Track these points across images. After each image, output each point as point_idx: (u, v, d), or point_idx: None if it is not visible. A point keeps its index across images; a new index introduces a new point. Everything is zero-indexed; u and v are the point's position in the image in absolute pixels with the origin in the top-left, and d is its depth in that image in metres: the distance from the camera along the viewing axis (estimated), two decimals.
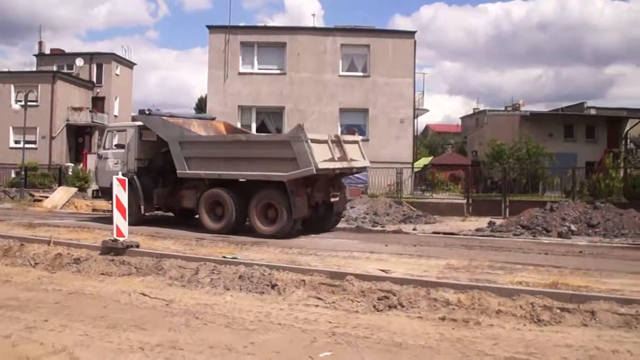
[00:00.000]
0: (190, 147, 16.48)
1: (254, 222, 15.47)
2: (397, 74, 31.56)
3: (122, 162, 17.65)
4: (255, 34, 32.98)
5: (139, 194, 16.89)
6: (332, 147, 15.28)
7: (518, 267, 10.31)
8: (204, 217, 16.15)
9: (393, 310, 7.71)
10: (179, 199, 17.31)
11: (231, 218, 15.63)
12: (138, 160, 17.61)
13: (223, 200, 15.79)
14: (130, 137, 17.74)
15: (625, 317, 7.16)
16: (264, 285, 8.92)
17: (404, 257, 11.61)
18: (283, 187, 14.83)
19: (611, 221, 16.88)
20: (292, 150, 14.49)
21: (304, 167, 14.36)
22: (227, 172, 15.80)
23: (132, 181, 16.64)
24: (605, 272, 9.96)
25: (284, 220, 14.92)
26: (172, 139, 16.57)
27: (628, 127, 48.19)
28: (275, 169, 14.88)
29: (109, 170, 17.59)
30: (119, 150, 17.93)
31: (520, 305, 7.61)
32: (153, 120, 17.38)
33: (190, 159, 16.30)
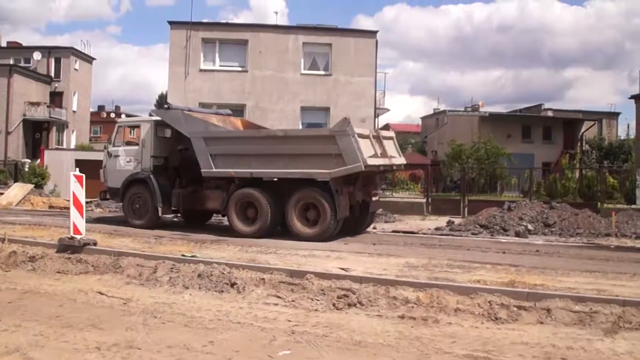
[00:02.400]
0: (217, 143, 15.32)
1: (292, 225, 14.41)
2: (359, 73, 31.60)
3: (135, 160, 16.54)
4: (217, 31, 32.67)
5: (156, 194, 15.91)
6: (373, 143, 14.50)
7: (476, 266, 10.46)
8: (234, 219, 14.98)
9: (352, 308, 7.70)
10: (202, 200, 16.13)
11: (266, 220, 14.53)
12: (154, 158, 16.43)
13: (257, 201, 14.65)
14: (145, 133, 16.56)
15: (579, 314, 7.30)
16: (224, 283, 8.82)
17: (363, 255, 11.67)
18: (325, 185, 13.97)
19: (567, 221, 17.22)
20: (338, 145, 13.65)
21: (351, 163, 13.55)
22: (262, 170, 14.75)
23: (149, 181, 16.06)
24: (560, 270, 10.17)
25: (328, 221, 13.98)
26: (195, 135, 15.43)
27: (584, 128, 49.28)
28: (317, 166, 13.95)
29: (120, 169, 16.75)
30: (132, 147, 16.97)
31: (478, 303, 7.70)
32: (173, 115, 16.23)
33: (217, 156, 15.17)
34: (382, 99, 36.65)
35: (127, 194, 16.55)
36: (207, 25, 33.41)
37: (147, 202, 16.13)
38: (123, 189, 16.55)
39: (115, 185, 16.70)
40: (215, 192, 15.77)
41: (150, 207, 16.04)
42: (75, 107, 52.03)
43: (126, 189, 16.54)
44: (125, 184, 16.49)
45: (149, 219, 16.11)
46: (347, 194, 14.28)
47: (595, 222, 17.23)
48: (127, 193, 16.54)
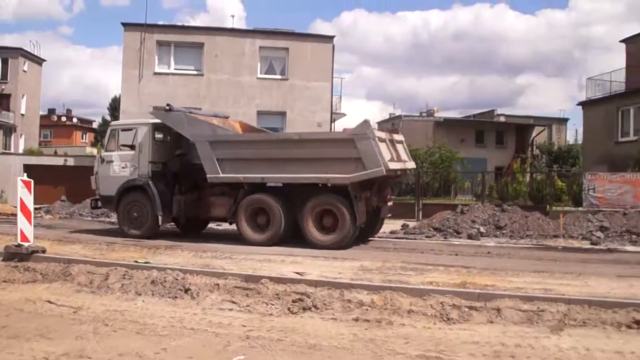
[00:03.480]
0: (224, 147, 14.64)
1: (307, 232, 13.89)
2: (316, 78, 31.69)
3: (132, 165, 15.67)
4: (172, 33, 32.39)
5: (156, 202, 15.11)
6: (389, 146, 14.06)
7: (429, 268, 10.63)
8: (244, 227, 14.43)
9: (307, 312, 7.73)
10: (206, 207, 15.48)
11: (279, 227, 14.05)
12: (152, 163, 15.61)
13: (269, 208, 14.14)
14: (143, 137, 15.69)
15: (527, 313, 7.48)
16: (177, 289, 8.74)
17: (318, 259, 11.72)
18: (343, 191, 13.49)
19: (517, 223, 17.60)
20: (357, 149, 13.15)
21: (372, 167, 13.06)
22: (274, 175, 14.16)
23: (147, 187, 15.29)
24: (511, 271, 10.42)
25: (347, 228, 13.53)
26: (200, 139, 14.76)
27: (534, 133, 50.29)
28: (335, 170, 13.43)
29: (114, 175, 15.84)
30: (128, 152, 15.89)
31: (431, 304, 7.81)
32: (175, 117, 15.45)
33: (225, 160, 14.50)
34: (338, 103, 36.84)
35: (122, 202, 15.67)
36: (162, 28, 33.07)
37: (146, 210, 15.33)
38: (118, 197, 15.63)
39: (109, 193, 15.79)
40: (220, 199, 15.18)
41: (150, 216, 15.26)
42: (24, 110, 50.93)
43: (121, 197, 15.64)
44: (121, 191, 15.60)
45: (148, 228, 15.32)
46: (364, 200, 13.82)
47: (544, 224, 17.63)
48: (122, 201, 15.66)
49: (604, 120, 31.92)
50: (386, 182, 14.91)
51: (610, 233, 17.00)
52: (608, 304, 7.76)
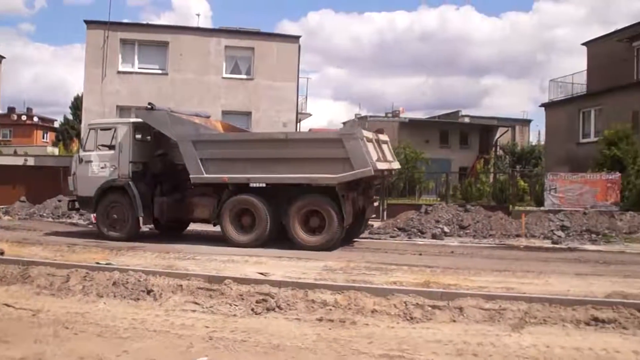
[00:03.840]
0: (208, 147, 14.45)
1: (294, 233, 13.76)
2: (281, 78, 31.59)
3: (111, 165, 15.30)
4: (136, 32, 31.96)
5: (137, 203, 14.81)
6: (376, 146, 13.94)
7: (393, 268, 10.71)
8: (228, 228, 14.24)
9: (271, 312, 7.71)
10: (189, 208, 15.18)
11: (265, 228, 13.91)
12: (133, 163, 15.27)
13: (254, 208, 13.98)
14: (123, 136, 15.34)
15: (489, 311, 7.57)
16: (140, 291, 8.65)
17: (283, 259, 11.74)
18: (330, 191, 13.37)
19: (480, 223, 17.81)
20: (345, 149, 13.06)
21: (360, 167, 13.00)
22: (260, 175, 13.97)
23: (128, 188, 14.95)
24: (473, 270, 10.57)
25: (335, 229, 13.42)
26: (184, 138, 14.51)
27: (498, 135, 50.91)
28: (322, 170, 13.33)
29: (93, 175, 15.43)
30: (107, 151, 15.56)
31: (394, 304, 7.84)
32: (157, 116, 15.13)
33: (209, 160, 14.31)
34: (304, 103, 36.81)
35: (101, 204, 15.31)
36: (126, 26, 32.66)
37: (126, 211, 15.02)
38: (97, 198, 15.27)
39: (87, 194, 15.39)
40: (204, 200, 14.96)
41: (130, 217, 14.97)
42: None
43: (101, 198, 15.27)
44: (100, 192, 15.23)
45: (128, 230, 15.03)
46: (351, 200, 13.78)
47: (506, 224, 17.88)
48: (101, 202, 15.30)
49: (566, 122, 32.44)
50: (372, 182, 14.90)
51: (571, 232, 17.30)
52: (568, 301, 7.89)
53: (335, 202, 13.38)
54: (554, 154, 33.40)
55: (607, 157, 22.65)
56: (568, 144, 31.65)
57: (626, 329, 6.98)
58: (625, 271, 11.23)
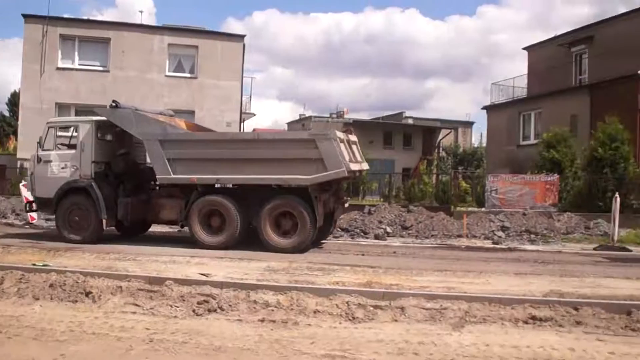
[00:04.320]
0: (176, 147, 14.02)
1: (265, 235, 13.48)
2: (225, 77, 31.44)
3: (72, 166, 14.65)
4: (76, 27, 31.30)
5: (100, 205, 14.22)
6: (347, 147, 13.74)
7: (336, 268, 10.78)
8: (197, 230, 13.88)
9: (213, 314, 7.64)
10: (155, 209, 14.69)
11: (235, 230, 13.61)
12: (95, 163, 14.68)
13: (224, 210, 13.67)
14: (85, 135, 14.72)
15: (431, 311, 7.67)
16: (78, 293, 8.43)
17: (225, 260, 11.67)
18: (303, 192, 13.19)
19: (423, 223, 18.04)
20: (318, 150, 12.87)
21: (334, 168, 12.82)
22: (230, 176, 13.74)
23: (91, 189, 14.33)
24: (415, 270, 10.71)
25: (308, 230, 13.21)
26: (150, 138, 14.06)
27: (441, 136, 51.65)
28: (294, 171, 13.13)
29: (52, 176, 14.78)
30: (68, 151, 14.93)
31: (337, 304, 7.87)
32: (122, 114, 14.57)
33: (177, 161, 13.88)
34: (248, 103, 36.71)
35: (62, 205, 14.66)
36: (66, 21, 31.97)
37: (89, 213, 14.42)
38: (57, 199, 14.62)
39: (46, 195, 14.76)
40: (170, 201, 14.52)
41: (93, 220, 14.35)
42: None
43: (61, 200, 14.63)
44: (60, 193, 14.59)
45: (91, 232, 14.41)
46: (323, 201, 13.60)
47: (448, 224, 18.16)
48: (62, 204, 14.65)
49: (507, 124, 33.17)
50: (342, 183, 14.89)
51: (511, 232, 17.68)
52: (507, 300, 8.09)
53: (308, 203, 13.25)
54: (495, 156, 34.11)
55: (546, 159, 23.17)
56: (509, 146, 32.38)
57: (562, 326, 7.18)
58: (562, 270, 11.58)
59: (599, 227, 18.38)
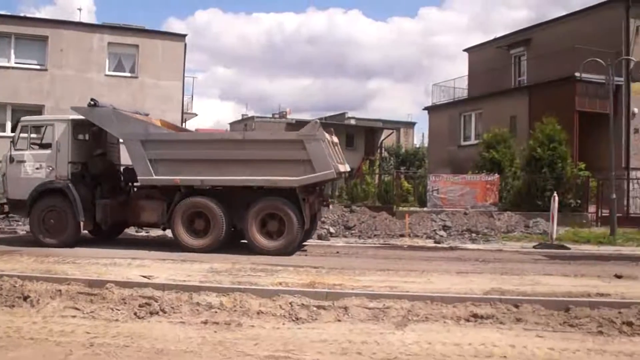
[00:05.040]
0: (159, 147, 13.65)
1: (252, 237, 13.27)
2: (167, 77, 31.01)
3: (48, 166, 14.16)
4: (12, 24, 30.34)
5: (78, 207, 13.74)
6: (332, 148, 13.56)
7: (279, 269, 10.78)
8: (181, 233, 13.55)
9: (155, 316, 7.54)
10: (135, 212, 14.27)
11: (221, 232, 13.33)
12: (72, 164, 14.21)
13: (209, 212, 13.38)
14: (61, 135, 14.21)
15: (373, 310, 7.74)
16: (15, 297, 8.20)
17: (167, 262, 11.54)
18: (290, 194, 13.03)
19: (365, 223, 18.22)
20: (306, 151, 12.74)
21: (322, 170, 12.72)
22: (215, 177, 13.39)
23: (67, 191, 13.81)
24: (358, 270, 10.80)
25: (295, 233, 13.05)
26: (132, 138, 13.70)
27: (383, 136, 52.12)
28: (282, 172, 12.94)
29: (26, 177, 14.23)
30: (43, 151, 14.41)
31: (280, 305, 7.87)
32: (101, 113, 14.14)
33: (159, 161, 13.52)
34: (190, 103, 36.31)
35: (36, 207, 14.13)
36: (2, 18, 30.99)
37: (65, 216, 13.93)
38: (31, 201, 14.09)
39: (20, 197, 14.19)
40: (151, 203, 14.11)
41: (70, 222, 13.88)
42: None
43: (36, 202, 14.11)
44: (35, 195, 14.07)
45: (68, 236, 13.93)
46: (309, 203, 13.48)
47: (391, 224, 18.37)
48: (36, 206, 14.12)
49: (448, 125, 33.71)
50: (326, 184, 14.78)
51: (452, 232, 18.00)
52: (449, 299, 8.22)
53: (295, 205, 13.10)
54: (437, 156, 34.61)
55: (486, 159, 23.62)
56: (450, 147, 32.92)
57: (503, 323, 7.34)
58: (502, 269, 11.86)
59: (538, 225, 18.87)
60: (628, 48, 25.92)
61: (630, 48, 25.96)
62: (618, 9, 26.74)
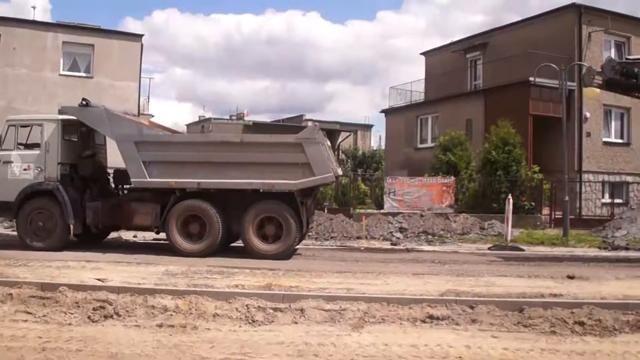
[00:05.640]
0: (153, 149, 13.37)
1: (249, 241, 13.08)
2: (123, 77, 30.65)
3: (36, 167, 13.75)
4: None
5: (67, 209, 13.37)
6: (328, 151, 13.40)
7: (235, 271, 10.75)
8: (176, 237, 13.23)
9: (109, 320, 7.41)
10: (127, 214, 13.84)
11: (217, 236, 13.08)
12: (61, 165, 13.80)
13: (206, 215, 13.11)
14: (50, 135, 13.81)
15: (330, 312, 7.75)
16: None
17: (122, 264, 11.37)
18: (288, 197, 12.90)
19: (322, 225, 18.27)
20: (305, 154, 12.58)
21: (322, 173, 12.63)
22: (212, 180, 13.07)
23: (57, 193, 13.38)
24: (315, 272, 10.83)
25: (293, 236, 12.94)
26: (125, 139, 13.30)
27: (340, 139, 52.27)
28: (280, 176, 12.78)
29: (13, 178, 13.75)
30: (31, 151, 13.96)
31: (236, 307, 7.81)
32: (93, 114, 13.78)
33: (153, 163, 13.20)
34: (146, 104, 35.94)
35: (24, 210, 13.67)
36: None
37: (54, 218, 13.52)
38: (19, 203, 13.61)
39: (6, 199, 13.62)
40: (144, 206, 13.71)
41: (59, 225, 13.50)
42: None
43: (23, 204, 13.65)
44: (23, 196, 13.61)
45: (56, 239, 13.52)
46: (306, 206, 13.40)
47: (348, 226, 18.46)
48: (24, 208, 13.67)
49: (405, 128, 33.99)
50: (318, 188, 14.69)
51: (409, 234, 18.17)
52: (405, 300, 8.27)
53: (293, 208, 13.01)
54: (394, 159, 34.86)
55: (442, 162, 23.93)
56: (407, 149, 33.21)
57: (458, 324, 7.42)
58: (458, 270, 12.01)
59: (493, 227, 19.18)
60: (580, 54, 26.58)
61: (583, 54, 26.63)
62: (571, 15, 27.45)
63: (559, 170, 20.58)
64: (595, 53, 26.97)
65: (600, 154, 27.79)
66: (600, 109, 27.62)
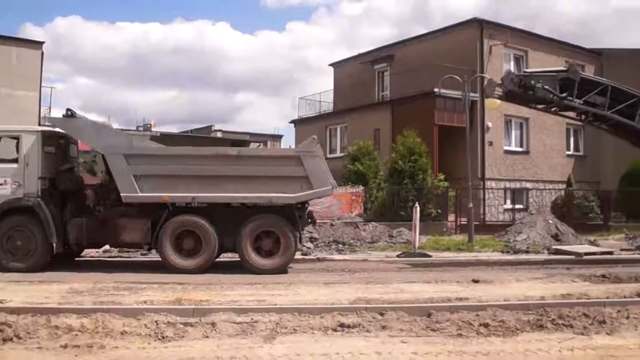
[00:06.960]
0: (145, 162, 12.74)
1: (246, 256, 12.70)
2: (22, 86, 29.44)
3: (14, 182, 12.71)
4: None
5: (49, 226, 12.50)
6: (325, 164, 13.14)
7: (143, 286, 10.49)
8: (169, 253, 12.65)
9: (8, 343, 7.00)
10: (115, 231, 13.01)
11: (213, 252, 12.65)
12: (42, 179, 12.85)
13: (201, 230, 12.61)
14: (30, 148, 12.78)
15: (242, 325, 7.66)
16: None
17: (23, 284, 10.83)
18: (285, 211, 12.72)
19: None
20: (303, 167, 12.44)
21: (321, 186, 12.54)
22: (208, 194, 12.64)
23: (39, 209, 12.40)
24: (226, 285, 10.76)
25: (292, 250, 12.78)
26: (114, 152, 12.64)
27: None
28: (277, 189, 12.55)
29: None
30: (7, 165, 12.85)
31: (145, 324, 7.61)
32: (79, 125, 13.02)
33: (144, 177, 12.58)
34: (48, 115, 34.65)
35: (0, 228, 12.71)
36: None
37: (34, 237, 12.53)
38: None
39: None
40: (134, 222, 13.01)
41: (40, 244, 12.60)
42: None
43: (0, 221, 12.70)
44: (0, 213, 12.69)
45: (37, 259, 12.55)
46: (303, 220, 13.24)
47: None
48: (1, 227, 12.71)
49: None
50: None
51: (319, 243, 18.19)
52: (316, 310, 8.31)
53: (291, 222, 12.84)
54: None
55: (351, 171, 24.19)
56: None
57: (369, 331, 7.52)
58: (368, 278, 12.21)
59: (401, 235, 19.50)
60: (482, 66, 27.63)
61: (485, 66, 27.69)
62: (473, 29, 28.56)
63: (464, 178, 21.20)
64: (496, 65, 28.11)
65: (501, 162, 28.95)
66: (501, 118, 28.78)
